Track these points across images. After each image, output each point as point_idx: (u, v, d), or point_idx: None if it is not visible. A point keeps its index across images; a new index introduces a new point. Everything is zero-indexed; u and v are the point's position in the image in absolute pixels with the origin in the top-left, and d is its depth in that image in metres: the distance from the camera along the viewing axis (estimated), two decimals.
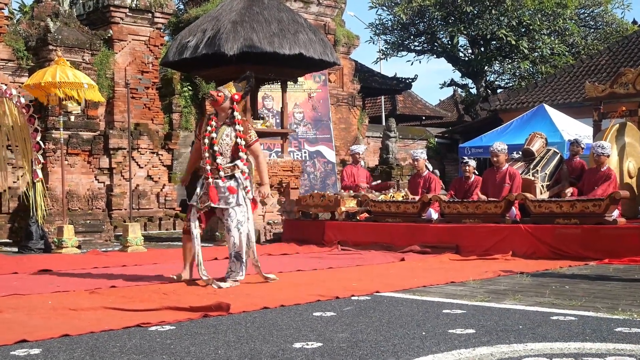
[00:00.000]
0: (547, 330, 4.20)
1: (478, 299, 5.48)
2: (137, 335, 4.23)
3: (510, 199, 9.47)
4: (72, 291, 6.08)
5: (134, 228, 10.89)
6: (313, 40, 12.23)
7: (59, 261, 9.01)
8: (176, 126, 17.31)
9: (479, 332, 4.18)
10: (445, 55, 29.64)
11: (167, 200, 16.75)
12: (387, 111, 33.56)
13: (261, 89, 14.36)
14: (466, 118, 30.62)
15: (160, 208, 16.64)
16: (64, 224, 10.97)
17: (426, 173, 11.39)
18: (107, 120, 16.03)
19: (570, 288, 6.14)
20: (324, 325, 4.46)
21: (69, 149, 13.71)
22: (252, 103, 12.74)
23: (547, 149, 11.39)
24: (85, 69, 13.77)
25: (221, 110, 6.70)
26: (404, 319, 4.68)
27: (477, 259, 8.80)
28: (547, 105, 18.02)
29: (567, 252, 8.60)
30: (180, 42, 12.31)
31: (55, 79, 10.61)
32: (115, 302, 5.37)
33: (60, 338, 4.14)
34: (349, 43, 21.19)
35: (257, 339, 4.06)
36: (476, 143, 18.00)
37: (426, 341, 3.93)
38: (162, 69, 17.16)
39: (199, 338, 4.13)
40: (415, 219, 10.38)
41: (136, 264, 8.63)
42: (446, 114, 37.69)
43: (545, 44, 27.30)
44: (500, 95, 26.72)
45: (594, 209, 8.73)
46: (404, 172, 19.94)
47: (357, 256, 9.35)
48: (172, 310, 5.02)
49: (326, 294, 5.74)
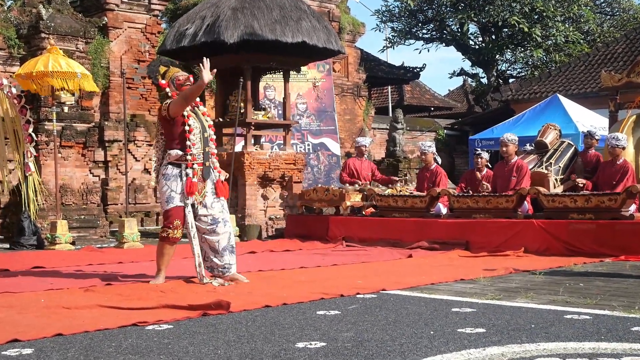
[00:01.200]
0: (561, 330, 4.20)
1: (488, 297, 5.48)
2: (133, 334, 4.24)
3: (523, 192, 9.47)
4: (66, 289, 6.10)
5: (130, 223, 10.91)
6: (317, 28, 12.21)
7: (53, 258, 9.03)
8: None
9: (490, 331, 4.18)
10: (455, 43, 29.58)
11: None
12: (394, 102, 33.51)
13: (263, 79, 14.35)
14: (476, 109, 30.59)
15: (157, 203, 16.64)
16: (58, 219, 10.99)
17: (434, 166, 11.39)
18: (102, 112, 16.03)
19: (584, 286, 6.14)
20: (327, 324, 4.46)
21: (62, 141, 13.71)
22: (253, 93, 12.74)
23: (561, 141, 11.38)
24: (79, 58, 13.76)
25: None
26: (411, 317, 4.68)
27: (487, 255, 8.80)
28: (561, 95, 18.01)
29: (581, 248, 8.60)
30: (178, 29, 12.30)
31: (48, 68, 10.61)
32: (110, 301, 5.39)
33: (53, 337, 4.15)
34: (354, 31, 21.15)
35: (258, 339, 4.07)
36: (487, 135, 17.99)
37: (434, 341, 3.93)
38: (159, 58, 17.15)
39: (197, 337, 4.13)
40: (423, 214, 10.38)
41: (132, 260, 8.65)
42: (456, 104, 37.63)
43: (559, 32, 27.22)
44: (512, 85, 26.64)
45: (609, 203, 8.72)
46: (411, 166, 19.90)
47: (362, 253, 9.36)
48: (169, 308, 5.03)
49: (330, 292, 5.75)
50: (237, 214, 11.88)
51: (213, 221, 6.48)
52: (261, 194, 12.39)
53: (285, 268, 7.62)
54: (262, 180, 12.35)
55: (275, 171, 12.30)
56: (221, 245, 6.52)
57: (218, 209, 6.51)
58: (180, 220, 6.39)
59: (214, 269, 6.57)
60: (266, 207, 12.45)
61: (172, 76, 6.72)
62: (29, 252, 10.29)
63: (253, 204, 12.22)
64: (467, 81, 36.58)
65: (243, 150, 12.37)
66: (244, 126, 12.50)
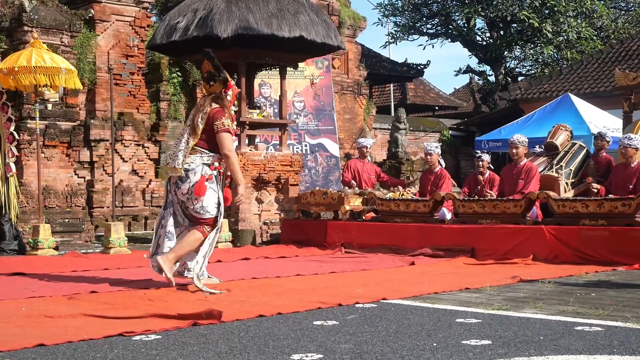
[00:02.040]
0: (571, 342, 4.20)
1: (495, 307, 5.49)
2: (119, 345, 4.24)
3: (532, 197, 9.48)
4: (48, 297, 6.09)
5: (117, 228, 10.90)
6: (315, 22, 12.22)
7: (35, 264, 9.02)
8: (164, 116, 17.31)
9: (496, 343, 4.18)
10: (461, 39, 29.62)
11: (154, 198, 16.76)
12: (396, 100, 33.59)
13: (258, 76, 14.36)
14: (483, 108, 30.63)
15: (146, 206, 16.65)
16: (40, 223, 10.98)
17: (438, 169, 11.41)
18: (87, 109, 16.04)
19: (596, 296, 6.15)
20: (325, 335, 4.47)
21: (45, 141, 13.73)
22: (247, 91, 12.75)
23: (573, 143, 11.40)
24: (64, 53, 13.78)
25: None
26: (413, 328, 4.69)
27: (494, 263, 8.81)
28: (573, 94, 18.04)
29: (593, 256, 8.60)
30: (168, 23, 12.30)
31: (31, 63, 10.60)
32: (95, 309, 5.38)
33: (34, 348, 4.15)
34: (355, 25, 21.19)
35: (251, 350, 4.07)
36: (494, 136, 18.03)
37: (437, 353, 3.94)
38: (148, 53, 17.16)
39: (187, 349, 4.13)
40: (426, 219, 10.39)
41: (119, 267, 8.65)
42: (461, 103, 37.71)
43: (571, 27, 27.25)
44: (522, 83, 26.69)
45: (623, 209, 8.73)
46: (414, 168, 19.96)
47: (362, 260, 9.37)
48: (158, 318, 5.03)
49: (328, 301, 5.75)
50: (230, 219, 11.88)
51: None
52: (255, 197, 12.39)
53: (280, 276, 7.61)
54: (256, 182, 12.35)
55: (271, 173, 12.30)
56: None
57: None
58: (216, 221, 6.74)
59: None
60: (261, 211, 12.45)
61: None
62: (10, 257, 10.28)
63: (247, 208, 12.22)
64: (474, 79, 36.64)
65: (236, 150, 12.37)
66: (237, 125, 12.50)
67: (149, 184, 16.77)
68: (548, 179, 10.55)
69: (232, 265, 8.74)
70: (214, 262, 9.00)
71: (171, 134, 17.48)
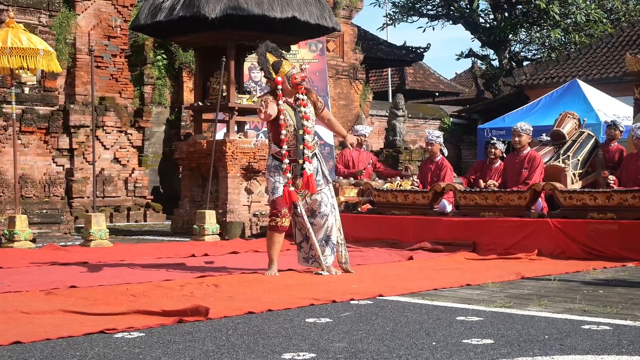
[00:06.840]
0: (577, 341, 4.22)
1: (497, 305, 5.50)
2: (100, 342, 4.24)
3: (537, 188, 9.49)
4: (25, 292, 6.09)
5: (97, 219, 10.89)
6: (309, 2, 12.20)
7: (10, 257, 9.02)
8: (148, 101, 17.29)
9: (498, 342, 4.19)
10: (463, 21, 29.58)
11: (137, 188, 16.75)
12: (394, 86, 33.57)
13: (247, 59, 14.33)
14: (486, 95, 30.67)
15: (128, 196, 16.65)
16: (17, 214, 10.97)
17: (439, 158, 11.39)
18: (67, 93, 16.00)
19: (604, 293, 6.17)
20: (318, 333, 4.47)
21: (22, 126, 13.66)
22: (236, 75, 12.73)
23: (580, 132, 11.40)
24: (41, 33, 13.71)
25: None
26: (411, 326, 4.70)
27: (497, 258, 8.83)
28: (581, 80, 18.03)
29: (601, 251, 8.62)
30: (153, 2, 12.27)
31: (7, 44, 10.56)
32: (75, 305, 5.38)
33: (10, 346, 4.14)
34: (351, 6, 21.17)
35: (240, 349, 4.07)
36: (498, 124, 18.00)
37: (436, 352, 3.95)
38: (132, 34, 17.11)
39: (172, 347, 4.13)
40: (426, 212, 10.39)
41: (100, 260, 8.64)
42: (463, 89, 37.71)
43: (579, 9, 27.25)
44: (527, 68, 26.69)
45: (633, 201, 8.74)
46: (413, 157, 19.96)
47: (357, 254, 9.36)
48: (141, 314, 5.03)
49: (321, 298, 5.76)
50: (217, 210, 11.88)
51: (320, 214, 7.28)
52: (245, 188, 12.39)
53: None
54: (245, 172, 12.35)
55: (261, 162, 12.28)
56: (318, 236, 7.26)
57: (319, 201, 7.25)
58: (287, 208, 7.13)
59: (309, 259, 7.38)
60: (250, 202, 12.45)
61: (287, 73, 7.25)
62: None
63: (235, 199, 12.22)
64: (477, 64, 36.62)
65: (225, 138, 12.35)
66: (226, 111, 12.49)
67: (131, 172, 16.74)
68: (554, 169, 10.55)
69: (220, 259, 8.74)
70: (200, 256, 9.02)
71: (155, 119, 17.45)
